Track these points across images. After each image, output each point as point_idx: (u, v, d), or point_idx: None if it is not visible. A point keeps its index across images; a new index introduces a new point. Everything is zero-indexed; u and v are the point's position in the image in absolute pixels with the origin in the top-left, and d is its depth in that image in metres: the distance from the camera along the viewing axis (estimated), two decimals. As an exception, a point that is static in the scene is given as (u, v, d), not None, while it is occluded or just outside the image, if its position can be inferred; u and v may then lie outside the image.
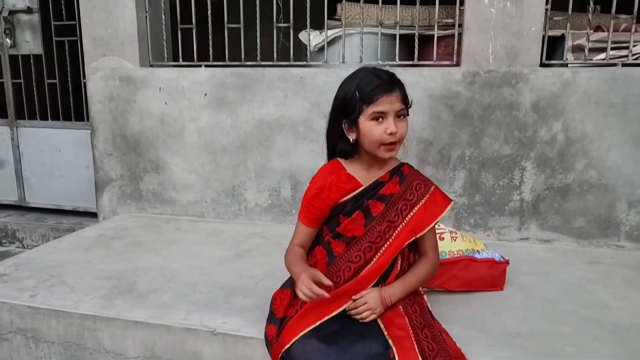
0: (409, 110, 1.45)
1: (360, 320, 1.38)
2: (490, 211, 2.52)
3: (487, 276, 1.91)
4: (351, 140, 1.45)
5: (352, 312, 1.40)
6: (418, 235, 1.46)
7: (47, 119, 3.32)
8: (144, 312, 1.73)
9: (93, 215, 3.22)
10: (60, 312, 1.77)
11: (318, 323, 1.36)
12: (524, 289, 1.95)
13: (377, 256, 1.45)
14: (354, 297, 1.42)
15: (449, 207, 1.50)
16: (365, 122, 1.39)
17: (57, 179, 3.38)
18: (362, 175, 1.51)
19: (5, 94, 3.38)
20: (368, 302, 1.39)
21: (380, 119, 1.38)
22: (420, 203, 1.47)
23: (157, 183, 2.96)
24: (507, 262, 1.95)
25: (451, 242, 1.92)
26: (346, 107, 1.42)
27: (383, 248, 1.45)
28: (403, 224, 1.45)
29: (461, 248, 1.92)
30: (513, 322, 1.68)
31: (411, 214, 1.46)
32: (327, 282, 1.31)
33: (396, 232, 1.45)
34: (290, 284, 1.54)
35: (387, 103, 1.37)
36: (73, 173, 3.32)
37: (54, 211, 3.44)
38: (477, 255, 1.91)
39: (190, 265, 2.17)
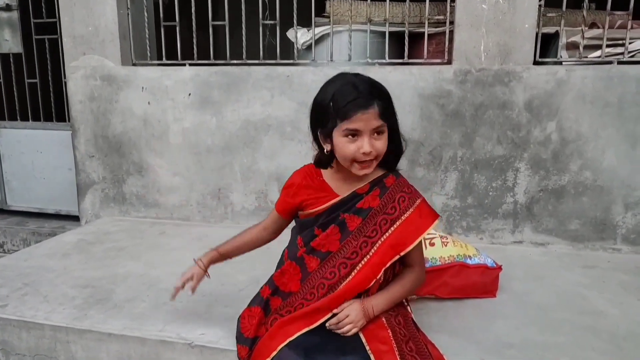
0: (399, 113, 1.35)
1: (342, 334, 1.30)
2: (483, 214, 2.45)
3: (479, 282, 1.84)
4: (326, 151, 1.34)
5: (332, 326, 1.31)
6: (402, 254, 1.34)
7: (28, 120, 3.22)
8: (119, 323, 1.65)
9: (76, 218, 3.13)
10: (31, 324, 1.69)
11: (287, 341, 1.28)
12: (517, 295, 1.88)
13: (353, 273, 1.35)
14: (335, 310, 1.33)
15: (434, 224, 1.38)
16: (338, 138, 1.28)
17: (38, 182, 3.28)
18: (337, 184, 1.42)
19: (-16, 94, 3.28)
20: (350, 315, 1.31)
21: (355, 136, 1.27)
22: (402, 218, 1.35)
23: (141, 185, 2.87)
24: (499, 268, 1.88)
25: (442, 248, 1.85)
26: (321, 117, 1.31)
27: (359, 265, 1.35)
28: (382, 239, 1.34)
29: (452, 253, 1.85)
30: (505, 331, 1.61)
31: (391, 229, 1.34)
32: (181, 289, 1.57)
33: (374, 248, 1.34)
34: (257, 301, 1.47)
35: (362, 121, 1.24)
36: (55, 175, 3.23)
37: (36, 214, 3.35)
38: (468, 261, 1.84)
39: (172, 272, 2.07)
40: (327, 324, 1.32)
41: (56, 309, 1.76)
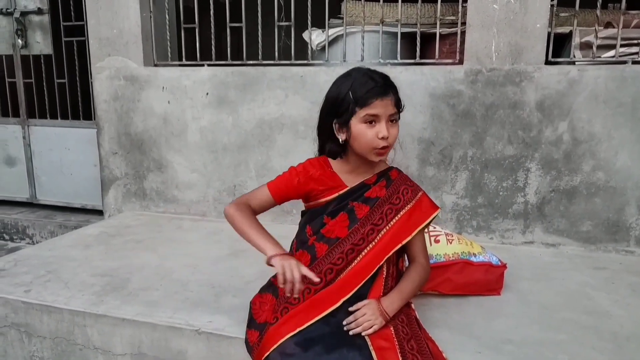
0: (405, 112, 1.45)
1: (363, 333, 1.32)
2: (493, 213, 2.45)
3: (483, 280, 1.85)
4: (340, 140, 1.44)
5: (352, 324, 1.33)
6: (403, 242, 1.43)
7: (57, 118, 3.38)
8: (132, 309, 1.74)
9: (100, 213, 3.27)
10: (52, 308, 1.79)
11: (297, 330, 1.32)
12: (522, 294, 1.88)
13: (358, 258, 1.43)
14: (350, 308, 1.38)
15: (434, 215, 1.48)
16: (357, 125, 1.38)
17: (66, 177, 3.44)
18: (346, 176, 1.50)
19: (17, 94, 3.46)
20: (367, 313, 1.35)
21: (373, 122, 1.37)
22: (405, 208, 1.46)
23: (161, 181, 2.98)
24: (504, 266, 1.89)
25: (447, 245, 1.87)
26: (338, 108, 1.40)
27: (365, 250, 1.43)
28: (387, 227, 1.44)
29: (457, 251, 1.86)
30: (505, 328, 1.62)
31: (396, 218, 1.44)
32: (315, 279, 1.29)
33: (379, 235, 1.43)
34: (270, 288, 1.52)
35: (381, 106, 1.35)
36: (81, 171, 3.38)
37: (63, 208, 3.50)
38: (473, 259, 1.85)
39: (185, 264, 2.17)
40: (344, 323, 1.34)
41: (75, 295, 1.86)
